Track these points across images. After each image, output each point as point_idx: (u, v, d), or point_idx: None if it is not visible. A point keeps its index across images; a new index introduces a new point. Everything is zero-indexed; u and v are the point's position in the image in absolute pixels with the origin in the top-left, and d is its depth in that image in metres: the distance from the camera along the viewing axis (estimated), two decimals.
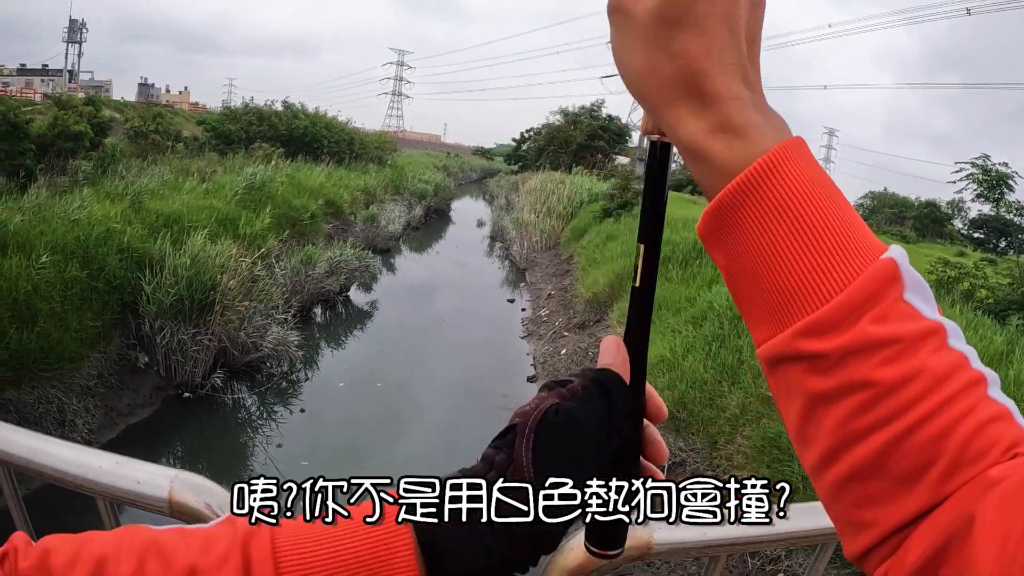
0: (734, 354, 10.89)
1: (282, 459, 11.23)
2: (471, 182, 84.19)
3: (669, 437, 10.16)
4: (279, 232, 18.69)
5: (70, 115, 22.48)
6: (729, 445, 9.53)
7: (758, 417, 9.47)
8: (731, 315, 12.11)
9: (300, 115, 41.57)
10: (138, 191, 17.34)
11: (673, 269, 15.99)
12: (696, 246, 17.09)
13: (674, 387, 10.67)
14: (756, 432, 9.22)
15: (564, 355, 15.89)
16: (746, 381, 10.17)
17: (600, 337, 14.24)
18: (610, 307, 16.31)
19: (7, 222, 12.04)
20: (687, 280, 15.22)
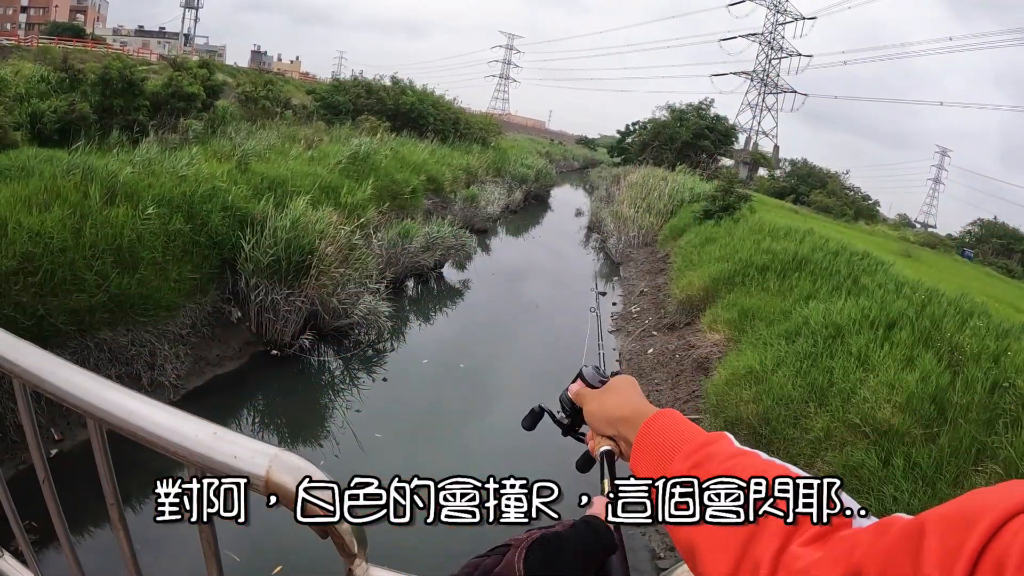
0: (825, 375, 10.59)
1: (359, 425, 11.45)
2: (572, 171, 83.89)
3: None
4: (379, 204, 18.98)
5: (184, 76, 23.26)
6: (808, 469, 9.25)
7: (842, 444, 9.26)
8: (826, 334, 11.84)
9: (408, 91, 42.06)
10: (245, 153, 17.77)
11: (771, 279, 15.68)
12: (796, 257, 16.79)
13: (759, 401, 10.46)
14: (838, 459, 9.02)
15: (651, 355, 15.74)
16: (834, 405, 9.91)
17: (689, 340, 14.16)
18: (702, 311, 16.05)
19: (117, 173, 12.55)
20: (784, 292, 14.87)
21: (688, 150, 51.56)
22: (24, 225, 9.87)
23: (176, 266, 12.00)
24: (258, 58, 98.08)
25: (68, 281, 9.95)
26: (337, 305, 13.90)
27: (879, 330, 11.86)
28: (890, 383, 9.93)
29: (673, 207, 31.27)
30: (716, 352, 13.76)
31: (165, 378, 10.96)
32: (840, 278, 15.31)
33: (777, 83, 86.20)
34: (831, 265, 16.32)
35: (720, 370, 12.05)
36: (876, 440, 9.06)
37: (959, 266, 37.74)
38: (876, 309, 12.68)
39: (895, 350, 11.01)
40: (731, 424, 10.45)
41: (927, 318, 12.37)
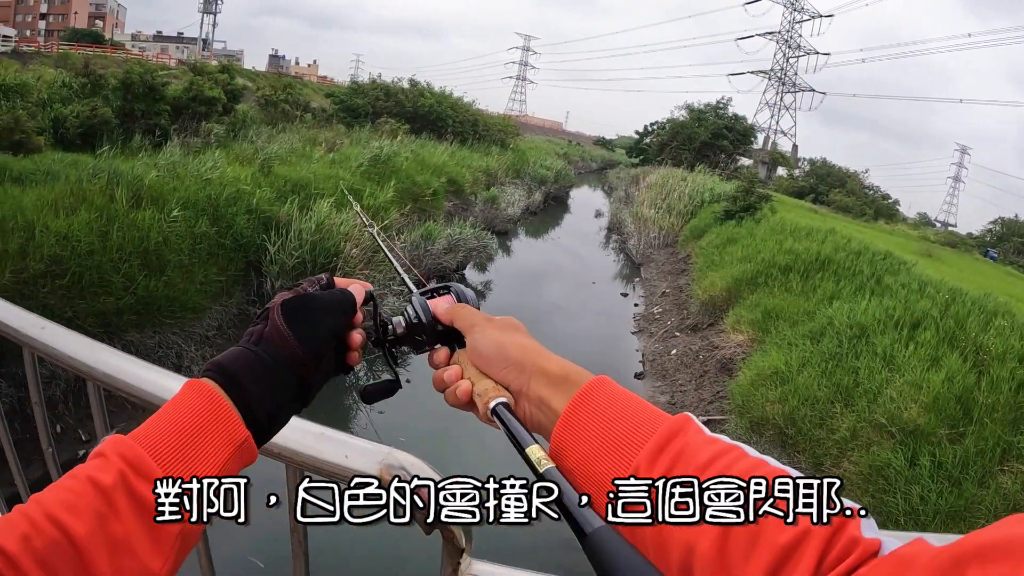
0: (850, 375, 10.59)
1: (383, 428, 11.49)
2: (591, 172, 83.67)
3: (774, 452, 9.97)
4: (401, 206, 19.04)
5: (205, 81, 23.46)
6: (835, 469, 9.29)
7: (868, 444, 9.24)
8: (851, 334, 11.81)
9: (426, 93, 42.20)
10: (268, 157, 17.90)
11: (794, 279, 15.64)
12: (818, 258, 16.73)
13: (785, 401, 10.45)
14: (864, 459, 9.00)
15: (674, 355, 15.73)
16: (860, 405, 9.90)
17: (712, 341, 14.13)
18: (725, 312, 16.02)
19: (143, 177, 12.72)
20: (807, 293, 14.82)
21: (707, 150, 51.37)
22: (51, 229, 10.07)
23: (202, 268, 12.18)
24: (276, 62, 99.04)
25: (96, 284, 10.14)
26: None
27: (903, 330, 11.83)
28: (916, 383, 9.90)
29: (693, 208, 31.18)
30: (740, 353, 13.74)
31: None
32: (863, 278, 15.25)
33: (795, 82, 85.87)
34: (854, 265, 16.26)
35: (745, 371, 12.06)
36: (902, 440, 9.05)
37: (980, 265, 37.43)
38: (900, 309, 12.64)
39: (920, 350, 10.97)
40: (757, 425, 10.49)
41: (951, 318, 12.35)
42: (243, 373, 1.04)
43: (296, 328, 1.09)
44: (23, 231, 9.79)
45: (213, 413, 0.98)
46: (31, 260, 9.49)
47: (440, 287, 1.31)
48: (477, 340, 1.14)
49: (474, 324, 1.17)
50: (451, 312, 1.22)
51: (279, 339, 1.08)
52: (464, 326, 1.18)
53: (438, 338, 1.23)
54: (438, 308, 1.24)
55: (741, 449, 0.89)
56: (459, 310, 1.22)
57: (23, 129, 15.37)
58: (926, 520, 7.91)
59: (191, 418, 0.96)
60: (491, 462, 9.28)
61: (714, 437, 0.90)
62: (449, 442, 11.42)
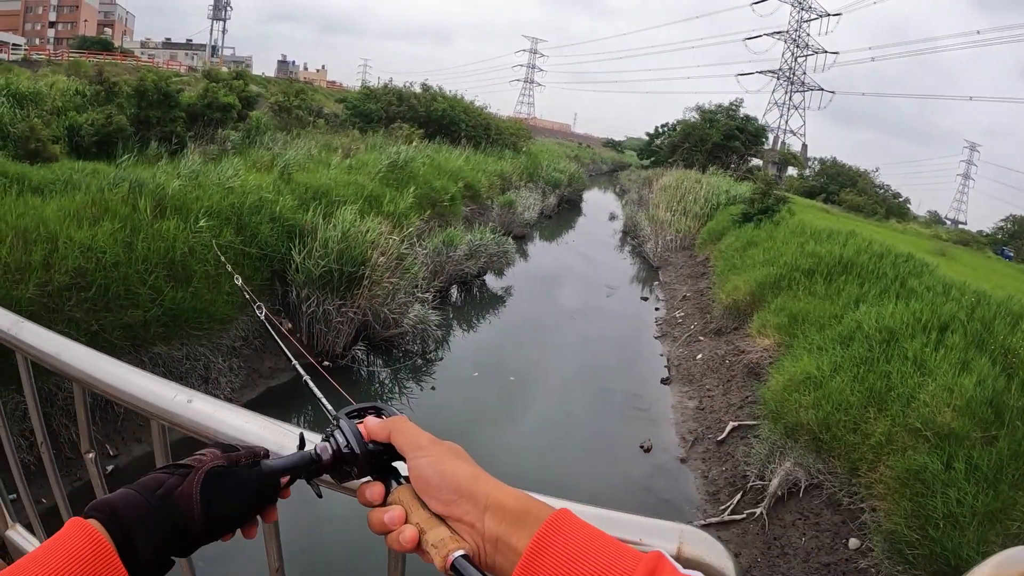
0: (882, 380, 10.51)
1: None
2: (601, 174, 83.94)
3: (809, 458, 9.92)
4: (420, 212, 18.97)
5: (220, 87, 23.41)
6: (871, 473, 9.24)
7: (903, 448, 9.17)
8: (880, 338, 11.75)
9: (439, 98, 42.20)
10: (287, 164, 17.84)
11: (818, 282, 15.56)
12: (841, 260, 16.67)
13: (819, 407, 10.40)
14: (901, 463, 8.94)
15: (700, 360, 15.67)
16: (894, 410, 9.83)
17: (738, 345, 14.10)
18: (750, 316, 15.97)
19: (165, 185, 12.68)
20: (831, 296, 14.74)
21: (719, 151, 51.36)
22: (75, 240, 9.90)
23: (228, 278, 11.98)
24: (284, 67, 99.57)
25: (122, 296, 9.99)
26: (388, 315, 13.92)
27: (931, 334, 11.77)
28: (948, 387, 9.83)
29: (709, 210, 31.17)
30: (767, 357, 13.69)
31: (220, 391, 11.00)
32: (887, 281, 15.18)
33: (803, 81, 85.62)
34: (877, 268, 16.18)
35: (776, 376, 11.99)
36: (937, 444, 9.00)
37: (994, 264, 37.32)
38: (927, 312, 12.58)
39: (950, 354, 10.92)
40: (792, 430, 10.44)
41: (978, 321, 12.30)
42: (136, 526, 0.98)
43: (210, 504, 1.04)
44: (46, 243, 9.60)
45: (96, 565, 0.91)
46: (55, 272, 9.30)
47: (367, 407, 1.21)
48: (422, 466, 1.03)
49: (419, 445, 1.06)
50: (389, 426, 1.11)
51: (186, 506, 1.03)
52: (405, 445, 1.07)
53: (370, 468, 1.12)
54: (370, 425, 1.13)
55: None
56: (400, 424, 1.11)
57: (38, 138, 15.36)
58: (964, 522, 7.85)
59: (72, 566, 0.89)
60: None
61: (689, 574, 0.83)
62: (472, 451, 11.37)
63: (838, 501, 9.44)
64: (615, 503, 4.84)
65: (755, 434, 11.55)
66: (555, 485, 10.36)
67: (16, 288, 8.80)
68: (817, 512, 9.55)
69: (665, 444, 12.59)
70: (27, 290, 8.88)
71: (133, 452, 8.98)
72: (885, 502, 8.78)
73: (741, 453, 11.33)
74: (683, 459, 12.05)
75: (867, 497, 9.11)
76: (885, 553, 8.31)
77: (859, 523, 9.01)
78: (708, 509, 10.49)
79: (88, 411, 1.89)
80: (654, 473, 11.59)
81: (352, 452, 1.11)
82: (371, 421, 1.14)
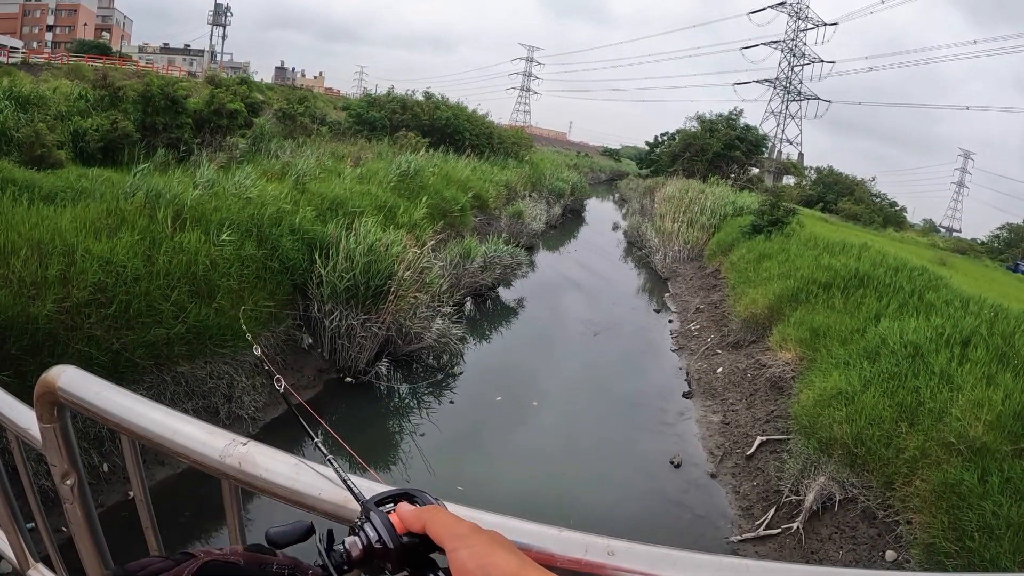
0: (912, 394, 10.53)
1: (427, 449, 11.50)
2: (600, 182, 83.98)
3: (844, 472, 9.89)
4: (433, 222, 18.86)
5: (225, 93, 23.26)
6: (906, 487, 9.26)
7: (937, 462, 9.18)
8: (906, 353, 11.75)
9: (442, 106, 42.20)
10: (301, 173, 17.67)
11: (836, 296, 15.55)
12: (857, 274, 16.68)
13: (852, 422, 10.41)
14: (936, 477, 8.97)
15: (720, 374, 15.63)
16: (926, 424, 9.85)
17: (758, 359, 14.04)
18: (768, 329, 15.96)
19: (183, 195, 12.40)
20: (850, 310, 14.72)
21: (719, 161, 51.45)
22: (93, 253, 9.56)
23: (251, 293, 11.80)
24: (282, 74, 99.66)
25: (144, 313, 9.61)
26: (412, 329, 13.84)
27: (955, 348, 11.79)
28: (978, 402, 9.85)
29: (716, 221, 31.14)
30: (790, 371, 13.67)
31: (243, 411, 10.73)
32: (905, 295, 15.20)
33: (800, 90, 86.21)
34: (893, 281, 16.21)
35: (806, 391, 11.96)
36: (970, 457, 9.03)
37: (993, 273, 37.47)
38: (949, 327, 12.60)
39: (975, 368, 10.96)
40: (825, 445, 10.44)
41: (998, 335, 12.32)
42: None
43: None
44: (62, 256, 9.24)
45: None
46: (73, 288, 9.00)
47: (396, 493, 1.14)
48: (464, 559, 0.94)
49: (459, 535, 0.98)
50: (424, 516, 1.03)
51: None
52: (443, 536, 0.99)
53: (405, 562, 1.03)
54: (403, 514, 1.06)
55: None
56: (436, 513, 1.03)
57: (44, 143, 15.23)
58: (1000, 534, 7.88)
59: None
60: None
61: None
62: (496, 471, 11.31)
63: (873, 514, 9.46)
64: (654, 522, 4.77)
65: (785, 448, 11.56)
66: (594, 506, 10.35)
67: (33, 305, 8.42)
68: (853, 525, 9.56)
69: (694, 459, 12.57)
70: (44, 307, 8.48)
71: (156, 476, 8.67)
72: (921, 515, 8.80)
73: (773, 468, 11.31)
74: (713, 474, 12.03)
75: (902, 510, 9.13)
76: (923, 565, 8.34)
77: (894, 536, 9.03)
78: (743, 524, 10.48)
79: (141, 466, 1.77)
80: (687, 489, 11.56)
81: (385, 547, 1.03)
82: (404, 509, 1.06)
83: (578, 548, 1.18)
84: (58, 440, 1.70)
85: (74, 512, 1.76)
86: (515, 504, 9.63)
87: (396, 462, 11.25)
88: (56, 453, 1.72)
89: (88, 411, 1.59)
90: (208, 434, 1.48)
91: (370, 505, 1.09)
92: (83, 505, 1.76)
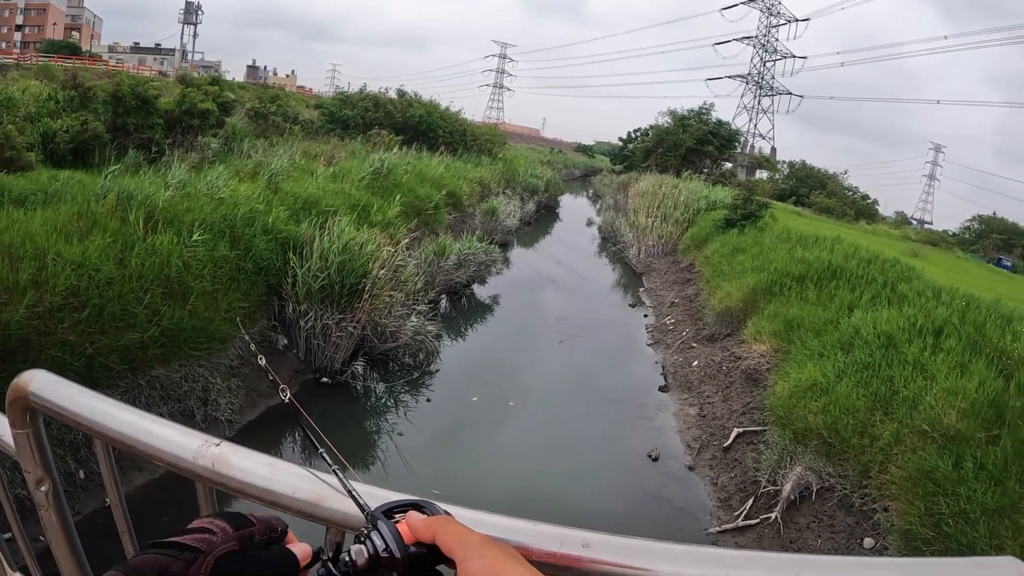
0: (886, 384, 10.69)
1: (409, 451, 11.49)
2: (574, 179, 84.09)
3: (820, 461, 9.99)
4: (407, 220, 18.80)
5: (197, 93, 23.03)
6: (882, 475, 9.40)
7: (913, 450, 9.33)
8: (879, 343, 11.90)
9: (415, 104, 42.07)
10: (274, 173, 17.54)
11: (809, 288, 15.70)
12: (830, 266, 16.81)
13: (827, 412, 10.54)
14: (911, 464, 9.10)
15: (696, 367, 15.72)
16: (900, 413, 10.00)
17: (733, 351, 14.13)
18: (743, 322, 16.08)
19: (155, 196, 12.25)
20: (824, 302, 14.87)
21: (693, 156, 51.62)
22: (65, 256, 9.44)
23: (225, 295, 11.68)
24: (254, 72, 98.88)
25: (118, 316, 9.50)
26: (388, 327, 13.79)
27: (928, 338, 11.95)
28: (951, 390, 10.02)
29: (690, 215, 31.29)
30: (765, 363, 13.79)
31: (220, 413, 10.66)
32: (877, 286, 15.35)
33: (772, 85, 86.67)
34: (866, 273, 16.38)
35: (782, 383, 12.09)
36: (944, 445, 9.18)
37: (964, 264, 37.95)
38: (922, 317, 12.77)
39: (948, 357, 11.12)
40: (801, 435, 10.61)
41: (970, 324, 12.50)
42: None
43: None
44: (34, 260, 9.11)
45: None
46: (46, 292, 8.89)
47: (404, 503, 1.10)
48: (476, 571, 0.92)
49: (469, 545, 0.95)
50: (434, 527, 1.00)
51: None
52: (454, 547, 0.96)
53: (410, 573, 1.00)
54: (412, 523, 1.03)
55: None
56: (445, 525, 1.00)
57: (13, 145, 15.00)
58: (976, 518, 8.04)
59: None
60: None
61: None
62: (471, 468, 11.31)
63: (851, 503, 9.59)
64: (633, 516, 4.79)
65: (762, 440, 11.69)
66: (573, 502, 10.37)
67: (4, 310, 8.33)
68: (831, 514, 9.68)
69: (672, 452, 12.64)
70: (16, 312, 8.38)
71: (135, 481, 8.54)
72: (898, 502, 8.94)
73: (750, 459, 11.42)
74: (691, 467, 12.13)
75: (879, 498, 9.26)
76: (901, 551, 8.44)
77: (872, 523, 9.17)
78: (722, 515, 10.59)
79: (115, 471, 1.70)
80: (666, 482, 11.64)
81: (392, 556, 0.99)
82: (413, 519, 1.03)
83: (552, 541, 1.18)
84: (31, 446, 1.67)
85: (50, 519, 1.73)
86: (493, 503, 9.64)
87: (374, 462, 11.24)
88: (30, 459, 1.69)
89: (60, 415, 1.57)
90: (181, 435, 1.46)
91: (377, 514, 1.05)
92: (59, 511, 1.74)
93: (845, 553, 8.96)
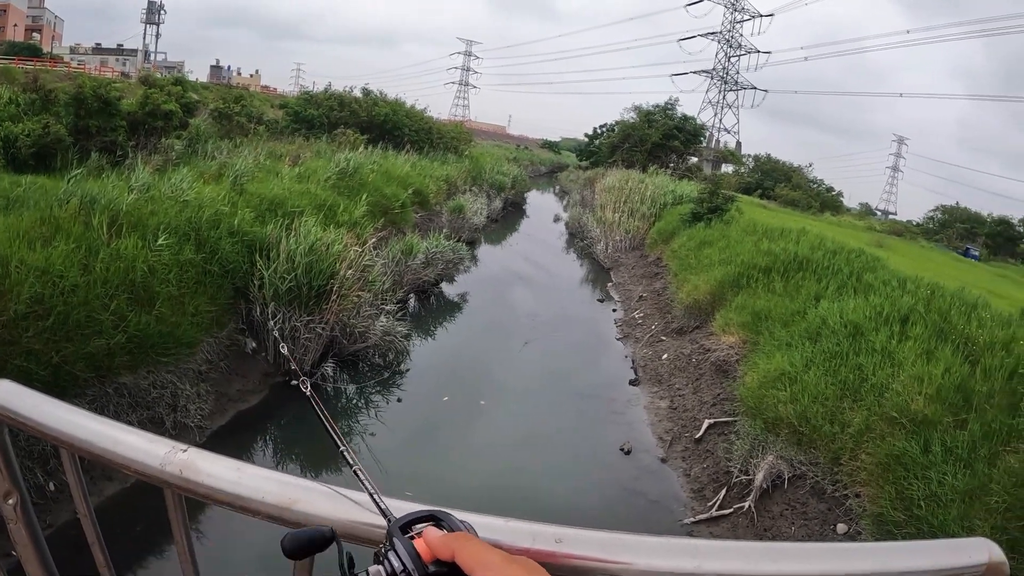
0: (854, 372, 10.82)
1: (382, 451, 11.39)
2: (540, 175, 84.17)
3: (791, 450, 10.07)
4: (374, 220, 18.71)
5: (160, 94, 22.74)
6: (852, 462, 9.51)
7: (882, 436, 9.43)
8: (846, 332, 12.02)
9: (380, 102, 41.89)
10: (239, 174, 17.36)
11: (776, 280, 15.81)
12: (796, 257, 16.97)
13: (796, 401, 10.64)
14: (881, 449, 9.21)
15: (666, 360, 15.79)
16: (869, 400, 10.12)
17: (702, 344, 14.22)
18: (711, 315, 16.18)
19: (119, 200, 12.00)
20: (791, 293, 14.99)
21: (658, 151, 51.84)
22: (28, 263, 9.16)
23: (192, 299, 11.48)
24: (217, 72, 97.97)
25: (83, 323, 9.27)
26: (356, 328, 13.73)
27: (894, 326, 12.09)
28: (918, 376, 10.13)
29: (656, 210, 31.38)
30: (734, 355, 13.89)
31: (189, 419, 10.47)
32: (843, 276, 15.51)
33: (737, 80, 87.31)
34: (832, 263, 16.55)
35: (751, 373, 12.20)
36: (913, 430, 9.29)
37: (928, 253, 38.50)
38: (887, 306, 12.92)
39: (915, 345, 11.24)
40: (772, 425, 10.73)
41: (935, 312, 12.66)
42: None
43: None
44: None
45: None
46: (10, 301, 8.53)
47: (422, 515, 1.09)
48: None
49: (488, 564, 0.93)
50: (452, 544, 0.98)
51: None
52: (474, 565, 0.94)
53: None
54: (431, 541, 1.01)
55: None
56: (464, 543, 0.98)
57: None
58: (947, 501, 8.14)
59: None
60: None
61: None
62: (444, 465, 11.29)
63: (822, 489, 9.69)
64: (607, 510, 4.81)
65: (733, 430, 11.77)
66: (546, 499, 10.39)
67: None
68: (803, 502, 9.78)
69: (644, 445, 12.69)
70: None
71: (105, 491, 8.38)
72: (869, 487, 9.05)
73: (721, 450, 11.50)
74: (664, 459, 12.17)
75: (850, 484, 9.38)
76: (874, 535, 8.53)
77: (844, 509, 9.27)
78: (696, 507, 10.64)
79: (82, 480, 1.66)
80: (639, 475, 11.68)
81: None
82: (432, 535, 1.01)
83: (525, 537, 1.18)
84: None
85: (19, 532, 1.71)
86: (466, 501, 9.62)
87: (344, 464, 11.13)
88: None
89: (25, 426, 1.55)
90: (148, 443, 1.44)
91: (394, 530, 1.04)
92: (27, 524, 1.71)
93: (819, 540, 9.05)
